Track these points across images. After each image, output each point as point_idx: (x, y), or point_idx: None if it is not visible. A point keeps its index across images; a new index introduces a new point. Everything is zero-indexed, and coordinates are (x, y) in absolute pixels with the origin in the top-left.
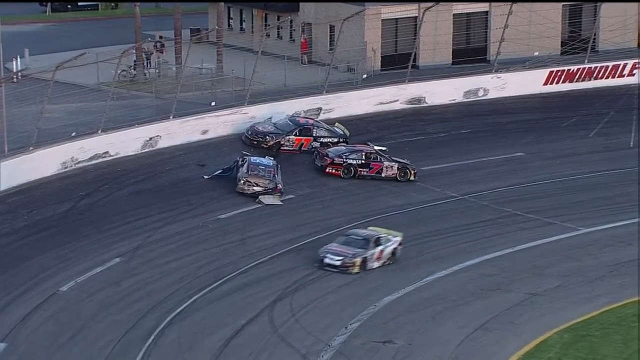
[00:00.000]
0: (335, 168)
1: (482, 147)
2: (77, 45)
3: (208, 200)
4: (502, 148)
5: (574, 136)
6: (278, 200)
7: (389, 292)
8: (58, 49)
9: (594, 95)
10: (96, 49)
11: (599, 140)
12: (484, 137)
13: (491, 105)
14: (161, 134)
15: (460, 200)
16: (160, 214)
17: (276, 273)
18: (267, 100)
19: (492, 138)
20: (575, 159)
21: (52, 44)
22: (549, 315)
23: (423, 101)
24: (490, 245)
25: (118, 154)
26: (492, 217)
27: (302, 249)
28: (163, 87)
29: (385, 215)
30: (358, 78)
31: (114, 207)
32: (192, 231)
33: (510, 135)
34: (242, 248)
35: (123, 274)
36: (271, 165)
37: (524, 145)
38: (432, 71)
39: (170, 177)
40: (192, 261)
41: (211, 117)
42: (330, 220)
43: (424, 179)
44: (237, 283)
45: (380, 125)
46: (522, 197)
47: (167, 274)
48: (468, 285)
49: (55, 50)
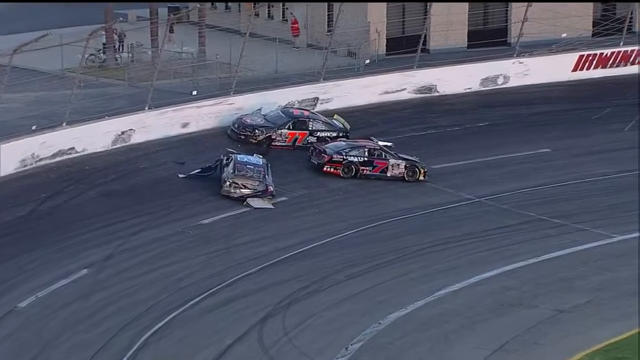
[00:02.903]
0: (334, 166)
1: (501, 142)
2: (37, 26)
3: (189, 203)
4: (525, 143)
5: (607, 130)
6: (269, 204)
7: (395, 307)
8: (16, 30)
9: (630, 84)
10: (60, 30)
11: (634, 135)
12: (504, 131)
13: (512, 95)
14: (135, 127)
15: (476, 203)
16: (134, 219)
17: (266, 286)
18: (256, 89)
19: (513, 132)
20: (608, 156)
21: (9, 24)
22: (578, 335)
23: (434, 90)
24: (511, 255)
25: (85, 150)
26: (513, 223)
27: (296, 258)
28: (137, 74)
29: (391, 220)
30: (360, 64)
31: (81, 211)
32: (171, 238)
33: (534, 129)
34: (228, 257)
35: (91, 287)
36: (261, 164)
37: (550, 140)
38: (445, 56)
39: (145, 176)
40: (170, 272)
41: (192, 108)
42: (328, 226)
43: (435, 178)
44: (222, 297)
45: (386, 117)
46: (548, 199)
47: (142, 287)
48: (486, 300)
49: (13, 32)
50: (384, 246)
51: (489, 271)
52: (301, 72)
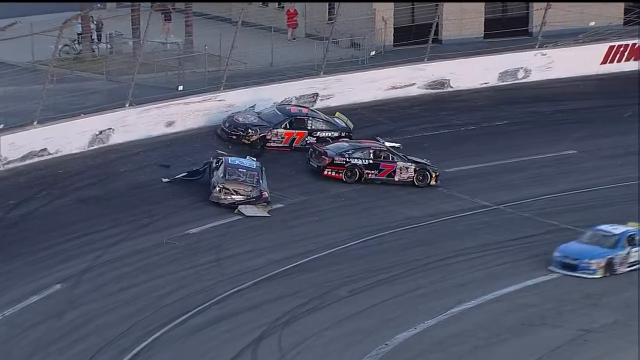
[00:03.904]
0: (335, 170)
1: (522, 143)
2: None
3: (174, 211)
4: (548, 144)
5: None
6: (263, 212)
7: (404, 327)
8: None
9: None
10: (30, 18)
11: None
12: (525, 131)
13: (534, 90)
14: (114, 126)
15: (494, 210)
16: (113, 228)
17: (261, 303)
18: (250, 84)
19: (535, 132)
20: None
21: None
22: (606, 358)
23: (447, 85)
24: (533, 268)
25: (59, 151)
26: (536, 233)
27: (294, 272)
28: (117, 67)
29: (399, 230)
30: (364, 56)
31: (54, 219)
32: (154, 250)
33: (559, 128)
34: (218, 271)
35: (65, 304)
36: (254, 167)
37: (576, 140)
38: (459, 47)
39: (125, 181)
40: (153, 288)
41: (178, 105)
42: (328, 236)
43: (448, 183)
44: (212, 315)
45: (393, 115)
46: (574, 206)
47: (122, 305)
48: (504, 319)
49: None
50: (391, 259)
51: (507, 286)
52: (299, 65)
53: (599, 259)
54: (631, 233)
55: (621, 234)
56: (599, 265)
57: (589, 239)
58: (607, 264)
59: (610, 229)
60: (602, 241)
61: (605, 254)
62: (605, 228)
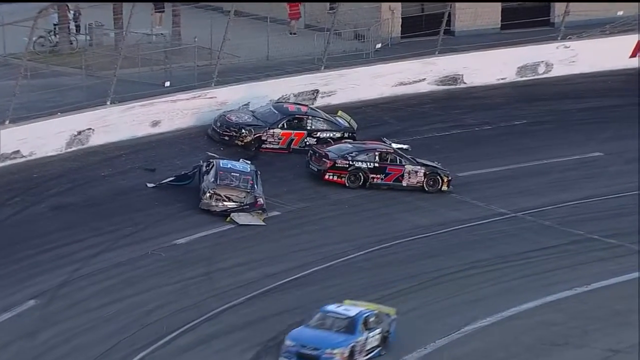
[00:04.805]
0: (337, 174)
1: (542, 144)
2: None
3: (160, 219)
4: (572, 146)
5: None
6: (258, 220)
7: (413, 346)
8: None
9: None
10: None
11: None
12: (546, 131)
13: (556, 87)
14: (94, 126)
15: (512, 218)
16: (93, 238)
17: (255, 320)
18: (243, 80)
19: (557, 132)
20: None
21: None
22: None
23: (460, 81)
24: (555, 282)
25: (33, 154)
26: (558, 243)
27: (291, 286)
28: (97, 61)
29: (407, 240)
30: (370, 48)
31: (28, 229)
32: (138, 262)
33: (583, 129)
34: (208, 285)
35: (40, 322)
36: (248, 171)
37: (602, 142)
38: (473, 39)
39: (107, 186)
40: (137, 304)
41: (165, 103)
42: (329, 247)
43: (461, 188)
44: (201, 334)
45: (401, 114)
46: (600, 214)
47: (103, 322)
48: (523, 338)
49: None
50: (398, 272)
51: (527, 302)
52: (298, 59)
53: (342, 348)
54: (366, 314)
55: (356, 316)
56: (342, 355)
57: (319, 323)
58: (350, 354)
59: (342, 310)
60: (337, 325)
61: (347, 341)
62: (336, 310)
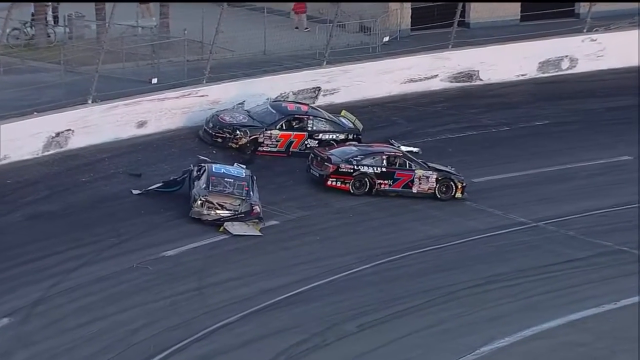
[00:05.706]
0: (341, 179)
1: (566, 147)
2: None
3: (147, 229)
4: (599, 149)
5: None
6: (254, 230)
7: None
8: None
9: None
10: None
11: None
12: (571, 133)
13: (581, 84)
14: (74, 127)
15: (533, 228)
16: (72, 250)
17: (251, 340)
18: (238, 76)
19: (582, 134)
20: None
21: None
22: None
23: (476, 77)
24: (580, 299)
25: (7, 157)
26: (583, 255)
27: (291, 303)
28: (77, 55)
29: (418, 252)
30: (376, 42)
31: (2, 240)
32: (123, 276)
33: (611, 130)
34: (200, 302)
35: (13, 342)
36: (243, 176)
37: (632, 144)
38: (490, 31)
39: (88, 193)
40: (122, 322)
41: (152, 102)
42: (332, 260)
43: (476, 195)
44: (192, 355)
45: (411, 114)
46: (629, 224)
47: (83, 342)
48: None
49: None
50: (408, 286)
51: (549, 321)
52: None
53: None
54: None
55: None
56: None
57: None
58: None
59: None
60: None
61: None
62: None
